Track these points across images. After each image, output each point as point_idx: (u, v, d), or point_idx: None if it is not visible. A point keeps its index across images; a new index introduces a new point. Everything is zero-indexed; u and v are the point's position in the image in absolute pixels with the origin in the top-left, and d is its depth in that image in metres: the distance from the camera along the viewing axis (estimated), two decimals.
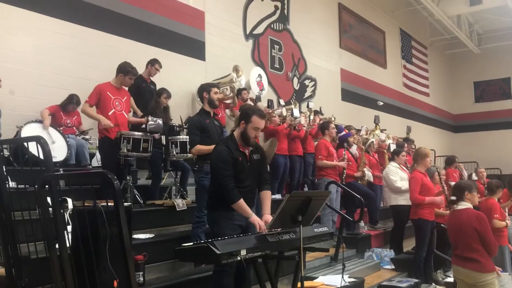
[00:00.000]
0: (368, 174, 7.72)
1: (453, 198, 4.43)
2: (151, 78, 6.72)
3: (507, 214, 6.39)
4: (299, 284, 3.40)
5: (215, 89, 4.91)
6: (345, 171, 7.11)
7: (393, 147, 8.51)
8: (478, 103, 20.44)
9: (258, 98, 8.49)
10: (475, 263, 4.18)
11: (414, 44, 17.54)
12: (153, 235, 4.77)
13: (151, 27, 7.77)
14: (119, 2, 7.28)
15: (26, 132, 5.42)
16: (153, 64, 6.68)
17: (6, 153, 4.67)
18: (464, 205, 4.36)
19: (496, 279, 4.24)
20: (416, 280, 5.44)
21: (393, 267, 6.62)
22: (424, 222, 5.91)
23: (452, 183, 5.64)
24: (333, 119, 8.48)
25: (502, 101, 19.74)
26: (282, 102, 9.24)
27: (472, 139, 19.63)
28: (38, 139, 3.00)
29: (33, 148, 3.10)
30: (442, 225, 6.08)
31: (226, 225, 3.66)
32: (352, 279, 4.98)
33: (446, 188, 6.14)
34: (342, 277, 4.47)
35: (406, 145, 8.93)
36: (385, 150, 8.87)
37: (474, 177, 9.67)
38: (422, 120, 17.53)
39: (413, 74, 17.30)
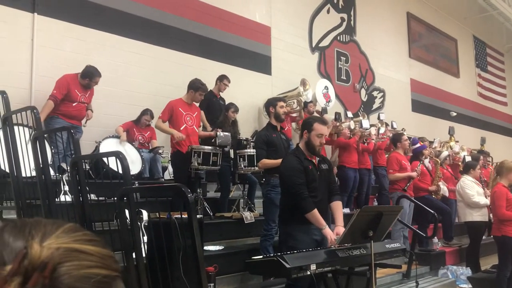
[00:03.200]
0: (444, 189, 7.39)
1: None
2: (221, 93, 6.90)
3: None
4: None
5: (281, 103, 4.95)
6: (410, 181, 6.78)
7: (467, 159, 8.10)
8: None
9: (324, 110, 8.44)
10: None
11: (489, 51, 16.68)
12: (223, 247, 4.85)
13: (219, 44, 7.99)
14: (189, 21, 7.58)
15: (104, 147, 5.74)
16: (222, 80, 6.87)
17: (86, 167, 4.97)
18: None
19: None
20: None
21: (470, 286, 6.26)
22: (508, 239, 5.56)
23: None
24: (404, 131, 8.23)
25: None
26: (350, 114, 9.12)
27: None
28: (118, 154, 3.17)
29: (112, 162, 3.28)
30: None
31: (302, 239, 3.62)
32: None
33: None
34: None
35: (481, 157, 8.47)
36: (459, 163, 8.46)
37: None
38: (499, 131, 16.55)
39: (489, 83, 16.43)
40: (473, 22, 15.48)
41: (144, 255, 3.13)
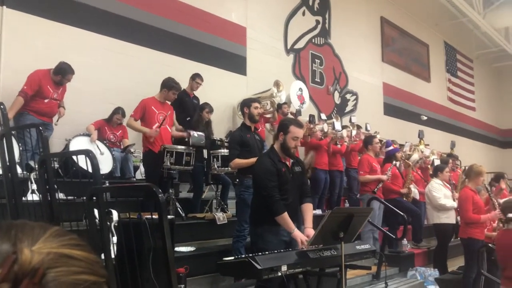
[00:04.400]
0: (414, 191, 7.53)
1: (511, 215, 4.25)
2: (194, 92, 6.85)
3: None
4: None
5: (256, 104, 4.95)
6: (380, 184, 6.87)
7: (437, 162, 8.27)
8: None
9: (298, 112, 8.48)
10: None
11: (459, 58, 17.10)
12: (194, 248, 4.82)
13: (194, 43, 7.95)
14: (164, 19, 7.50)
15: (74, 145, 5.62)
16: (194, 78, 6.82)
17: (55, 165, 4.86)
18: None
19: None
20: None
21: (437, 287, 6.39)
22: (474, 242, 5.70)
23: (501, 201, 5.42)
24: (377, 134, 8.34)
25: None
26: (323, 116, 9.19)
27: None
28: (88, 153, 3.11)
29: (82, 161, 3.22)
30: (490, 245, 5.83)
31: (271, 240, 3.63)
32: None
33: (497, 206, 5.91)
34: None
35: (450, 161, 8.67)
36: (429, 166, 8.64)
37: None
38: (468, 135, 16.99)
39: (458, 88, 16.84)
40: (444, 28, 15.84)
41: (113, 256, 3.07)
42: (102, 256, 2.91)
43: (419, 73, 14.63)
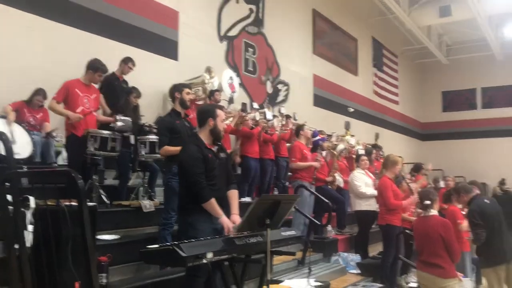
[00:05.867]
0: (339, 180, 7.80)
1: (428, 202, 4.51)
2: (124, 76, 6.61)
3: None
4: None
5: (187, 90, 4.86)
6: (315, 172, 7.10)
7: (361, 152, 8.62)
8: (445, 112, 21.01)
9: (231, 100, 8.48)
10: (439, 268, 4.28)
11: (385, 53, 17.86)
12: (119, 236, 4.68)
13: (123, 25, 7.65)
14: None
15: None
16: (127, 62, 6.58)
17: None
18: (431, 212, 4.48)
19: (457, 284, 4.34)
20: (381, 285, 5.52)
21: (358, 271, 6.69)
22: (392, 228, 6.01)
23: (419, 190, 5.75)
24: (306, 124, 8.53)
25: (468, 111, 20.36)
26: (255, 105, 9.25)
27: (439, 147, 20.13)
28: (0, 135, 2.90)
29: None
30: (407, 231, 6.18)
31: (203, 228, 3.59)
32: (318, 283, 5.00)
33: (414, 191, 6.24)
34: (308, 281, 4.48)
35: (374, 151, 9.07)
36: (353, 156, 8.98)
37: (442, 184, 9.86)
38: (391, 128, 17.87)
39: (384, 82, 17.61)
40: (372, 24, 16.46)
41: (29, 245, 2.90)
42: (16, 246, 2.75)
43: (348, 67, 15.11)
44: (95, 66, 5.32)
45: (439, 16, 15.11)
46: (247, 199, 6.97)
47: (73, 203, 2.64)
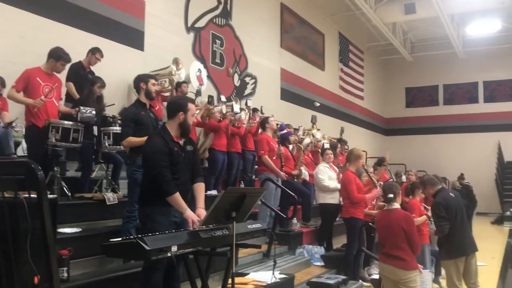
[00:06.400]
0: (305, 173, 7.87)
1: (391, 195, 4.60)
2: (91, 67, 6.45)
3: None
4: (230, 281, 3.38)
5: (153, 81, 4.77)
6: (283, 167, 7.15)
7: (327, 146, 8.70)
8: (408, 108, 21.53)
9: (198, 93, 8.39)
10: (400, 260, 4.38)
11: (351, 48, 18.11)
12: (81, 229, 4.57)
13: (88, 13, 7.44)
14: None
15: None
16: (94, 53, 6.41)
17: None
18: (394, 205, 4.58)
19: (418, 276, 4.46)
20: (344, 277, 5.61)
21: (323, 264, 6.78)
22: (355, 221, 6.11)
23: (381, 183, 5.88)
24: (272, 117, 8.55)
25: (430, 108, 20.95)
26: (223, 98, 9.19)
27: (402, 142, 20.64)
28: None
29: None
30: (370, 223, 6.30)
31: (162, 221, 3.55)
32: (283, 276, 5.05)
33: (377, 184, 6.36)
34: (273, 273, 4.51)
35: (339, 145, 9.19)
36: (319, 150, 9.07)
37: (404, 178, 10.09)
38: (356, 122, 18.17)
39: (349, 77, 17.87)
40: (339, 19, 16.64)
41: None
42: None
43: (315, 61, 15.24)
44: (57, 55, 5.16)
45: (404, 14, 15.42)
46: (213, 192, 6.94)
47: (33, 195, 2.55)
